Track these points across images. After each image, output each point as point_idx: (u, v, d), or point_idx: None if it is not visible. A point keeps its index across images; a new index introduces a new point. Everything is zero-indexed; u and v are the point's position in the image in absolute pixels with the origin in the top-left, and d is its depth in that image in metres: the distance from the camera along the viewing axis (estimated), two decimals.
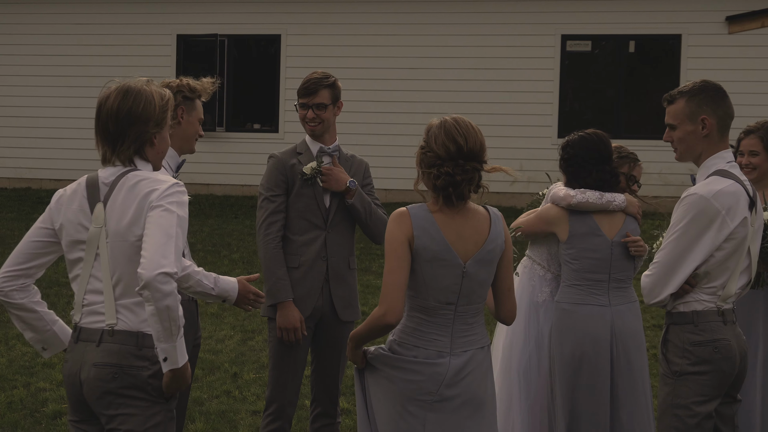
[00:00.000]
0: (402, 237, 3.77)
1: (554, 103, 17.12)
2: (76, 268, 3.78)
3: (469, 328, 3.90)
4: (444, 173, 3.80)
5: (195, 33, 18.10)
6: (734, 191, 4.22)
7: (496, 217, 3.97)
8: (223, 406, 7.06)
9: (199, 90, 4.89)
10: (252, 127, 18.22)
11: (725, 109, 4.33)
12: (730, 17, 16.48)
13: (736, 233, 4.21)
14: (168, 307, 3.47)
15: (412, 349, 3.86)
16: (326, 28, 17.63)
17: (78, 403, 3.77)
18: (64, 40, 18.41)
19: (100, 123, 3.77)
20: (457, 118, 3.91)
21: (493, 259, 3.89)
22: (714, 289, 4.28)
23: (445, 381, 3.84)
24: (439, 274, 3.81)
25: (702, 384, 4.23)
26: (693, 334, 4.27)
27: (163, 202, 3.61)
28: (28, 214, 15.72)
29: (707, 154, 4.34)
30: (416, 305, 3.86)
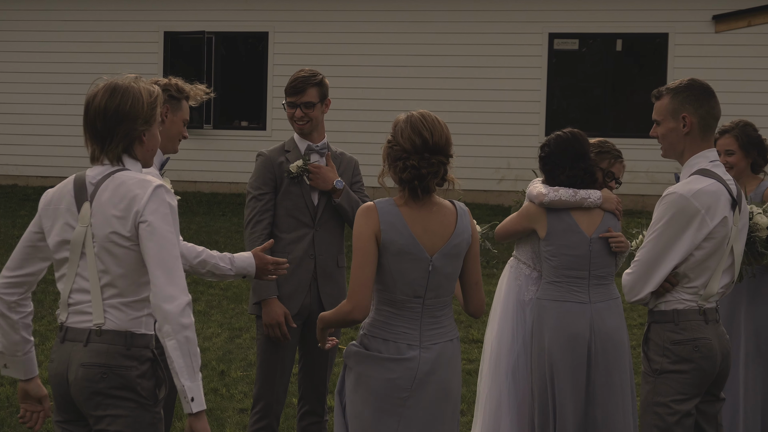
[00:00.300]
0: (368, 233, 3.83)
1: (542, 101, 17.14)
2: (62, 268, 3.75)
3: (437, 320, 3.96)
4: (410, 166, 3.86)
5: (182, 30, 18.07)
6: (714, 190, 4.23)
7: (463, 212, 4.03)
8: (210, 404, 7.05)
9: (187, 92, 4.86)
10: (239, 124, 18.20)
11: (708, 109, 4.33)
12: (716, 16, 16.54)
13: (715, 233, 4.22)
14: (188, 339, 3.49)
15: (383, 343, 3.91)
16: (314, 26, 17.62)
17: (65, 403, 3.73)
18: (50, 36, 18.36)
19: (88, 121, 3.73)
20: (423, 113, 3.97)
21: (459, 253, 3.95)
22: (695, 288, 4.29)
23: (418, 376, 3.89)
24: (406, 268, 3.86)
25: (682, 382, 4.25)
26: (673, 333, 4.28)
27: (153, 217, 3.57)
28: (14, 211, 15.68)
29: (690, 153, 4.35)
30: (385, 299, 3.91)
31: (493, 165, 17.09)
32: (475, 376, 7.81)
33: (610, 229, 5.23)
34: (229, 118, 18.33)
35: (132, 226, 3.59)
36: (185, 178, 17.10)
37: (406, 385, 3.88)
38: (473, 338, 8.93)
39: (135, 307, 3.66)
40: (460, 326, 9.37)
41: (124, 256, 3.61)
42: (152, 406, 3.68)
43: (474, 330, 9.19)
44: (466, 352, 8.51)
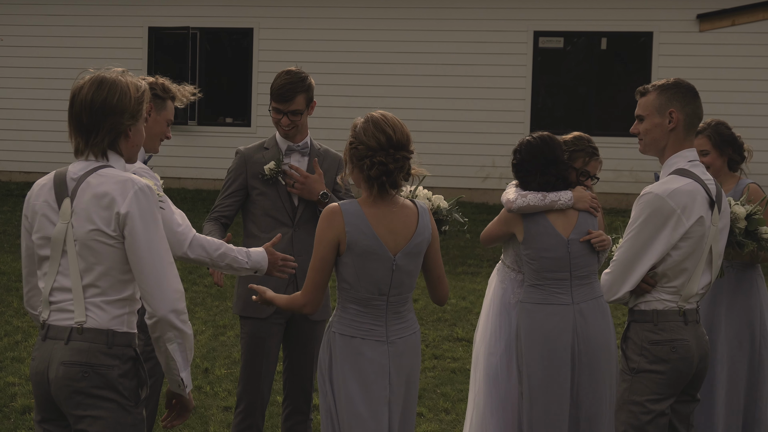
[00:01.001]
0: (330, 237, 3.98)
1: (526, 100, 17.16)
2: (44, 266, 3.71)
3: (401, 316, 4.13)
4: (378, 162, 3.96)
5: (166, 26, 18.00)
6: (691, 190, 4.24)
7: (423, 211, 4.15)
8: (195, 402, 7.03)
9: (173, 92, 4.84)
10: (224, 121, 18.15)
11: (694, 108, 4.37)
12: (701, 15, 16.58)
13: (692, 232, 4.24)
14: (186, 337, 3.65)
15: (351, 340, 4.06)
16: (299, 22, 17.59)
17: (45, 402, 3.69)
18: (33, 31, 18.26)
19: (73, 114, 3.68)
20: (382, 113, 4.09)
21: (420, 252, 4.11)
22: (675, 288, 4.31)
23: (391, 370, 4.07)
24: (370, 267, 4.00)
25: (657, 382, 4.27)
26: (652, 333, 4.31)
27: (136, 221, 3.56)
28: None
29: (671, 151, 4.38)
30: (351, 297, 4.07)
31: (477, 163, 17.10)
32: (460, 374, 7.84)
33: (590, 231, 5.23)
34: (214, 114, 18.28)
35: (115, 225, 3.57)
36: (169, 175, 17.04)
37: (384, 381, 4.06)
38: (458, 336, 8.94)
39: (117, 305, 3.64)
40: (444, 324, 9.38)
41: (107, 253, 3.59)
42: (134, 407, 3.66)
43: (458, 329, 9.20)
44: (450, 350, 8.52)
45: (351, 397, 4.04)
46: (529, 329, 5.17)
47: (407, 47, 17.30)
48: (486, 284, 10.66)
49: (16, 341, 8.44)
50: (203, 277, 10.94)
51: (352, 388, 4.05)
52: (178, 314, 3.63)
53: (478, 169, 17.10)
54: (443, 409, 7.05)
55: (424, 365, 8.05)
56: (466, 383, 7.55)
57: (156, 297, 3.58)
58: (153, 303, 3.58)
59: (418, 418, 6.84)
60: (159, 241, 3.61)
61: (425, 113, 17.20)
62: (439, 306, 4.44)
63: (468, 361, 8.13)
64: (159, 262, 3.60)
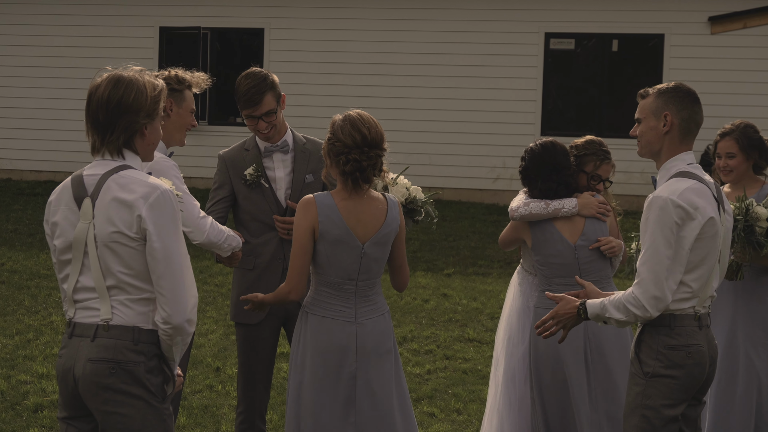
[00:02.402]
0: (306, 225, 4.31)
1: (537, 101, 17.14)
2: (66, 268, 3.74)
3: (369, 299, 4.46)
4: (352, 159, 4.29)
5: (177, 26, 18.03)
6: (699, 189, 4.20)
7: (393, 204, 4.47)
8: (206, 401, 7.05)
9: (188, 80, 4.85)
10: (234, 120, 18.16)
11: (690, 113, 4.30)
12: (712, 18, 16.55)
13: (705, 232, 4.19)
14: (189, 339, 3.75)
15: (323, 320, 4.39)
16: (310, 22, 17.60)
17: (71, 399, 3.72)
18: (45, 31, 18.30)
19: (90, 112, 3.70)
20: (359, 112, 4.39)
21: (388, 241, 4.43)
22: (690, 291, 4.24)
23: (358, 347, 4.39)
24: (340, 254, 4.34)
25: (672, 388, 4.23)
26: (668, 338, 4.24)
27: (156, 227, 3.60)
28: (8, 206, 15.64)
29: (667, 154, 4.32)
30: (323, 281, 4.40)
31: (488, 164, 17.09)
32: (471, 375, 7.83)
33: (599, 239, 5.21)
34: (224, 114, 18.29)
35: (137, 227, 3.60)
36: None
37: (351, 357, 4.39)
38: (469, 337, 8.93)
39: (141, 303, 3.68)
40: (455, 325, 9.37)
41: (129, 255, 3.62)
42: (160, 402, 3.69)
43: (470, 329, 9.19)
44: (461, 351, 8.52)
45: (318, 369, 4.37)
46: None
47: (418, 48, 17.30)
48: (497, 285, 10.69)
49: (28, 339, 8.46)
50: (214, 277, 10.95)
51: (321, 361, 4.37)
52: (191, 323, 3.70)
53: (489, 170, 17.09)
54: (455, 410, 7.05)
55: (435, 366, 8.05)
56: (477, 384, 7.55)
57: (172, 304, 3.63)
58: (169, 309, 3.63)
59: (429, 418, 6.84)
60: (177, 247, 3.65)
61: (436, 114, 17.20)
62: (398, 292, 4.68)
63: (479, 362, 8.13)
64: (178, 269, 3.64)
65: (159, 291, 3.63)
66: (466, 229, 14.67)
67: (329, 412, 4.37)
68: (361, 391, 4.40)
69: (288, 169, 5.27)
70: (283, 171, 5.28)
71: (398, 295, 10.34)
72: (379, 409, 4.43)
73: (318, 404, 4.37)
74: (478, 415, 6.84)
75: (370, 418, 4.42)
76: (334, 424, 4.37)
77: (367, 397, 4.41)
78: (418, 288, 10.86)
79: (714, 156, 5.69)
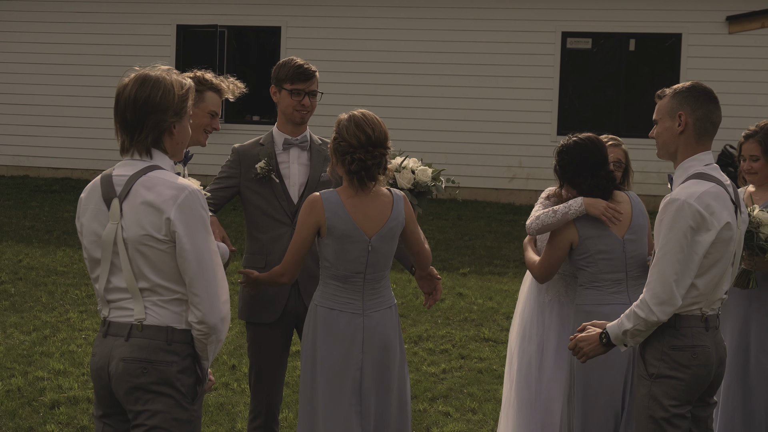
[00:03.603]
0: (311, 222, 4.46)
1: (554, 101, 17.12)
2: (97, 269, 3.76)
3: (377, 291, 4.59)
4: (357, 159, 4.42)
5: (195, 24, 18.07)
6: (717, 193, 4.16)
7: (398, 198, 4.59)
8: (222, 399, 7.07)
9: (212, 83, 4.84)
10: (251, 119, 18.20)
11: (706, 112, 4.26)
12: (730, 17, 16.50)
13: (720, 237, 4.16)
14: (223, 338, 3.77)
15: (331, 312, 4.53)
16: (327, 21, 17.61)
17: (106, 397, 3.76)
18: (63, 28, 18.38)
19: (118, 111, 3.71)
20: (363, 112, 4.49)
21: (394, 235, 4.56)
22: (698, 293, 4.21)
23: (365, 339, 4.52)
24: (348, 249, 4.46)
25: (676, 388, 4.20)
26: (673, 338, 4.22)
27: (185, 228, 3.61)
28: (25, 202, 15.71)
29: (683, 155, 4.29)
30: (331, 274, 4.54)
31: (504, 163, 17.07)
32: (486, 374, 7.83)
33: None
34: (241, 112, 18.32)
35: (166, 230, 3.61)
36: (196, 172, 17.07)
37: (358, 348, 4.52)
38: (484, 337, 8.92)
39: (174, 304, 3.70)
40: (471, 325, 9.37)
41: (159, 257, 3.64)
42: (190, 403, 3.71)
43: (485, 329, 9.19)
44: (477, 350, 8.51)
45: (327, 359, 4.51)
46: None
47: (434, 47, 17.30)
48: (513, 284, 10.67)
49: (45, 336, 8.50)
50: (230, 275, 10.97)
51: (329, 352, 4.51)
52: (225, 322, 3.71)
53: (505, 170, 17.07)
54: (470, 409, 7.05)
55: (450, 365, 8.05)
56: (492, 383, 7.55)
57: (206, 304, 3.65)
58: (204, 309, 3.65)
59: (444, 418, 6.85)
60: (208, 247, 3.67)
61: (452, 113, 17.19)
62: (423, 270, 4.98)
63: (494, 362, 8.12)
64: (209, 268, 3.66)
65: (192, 291, 3.65)
66: (482, 228, 14.66)
67: (338, 400, 4.51)
68: (367, 380, 4.54)
69: (304, 166, 5.26)
70: (298, 167, 5.26)
71: (414, 294, 10.34)
72: (382, 399, 4.59)
73: (327, 393, 4.52)
74: (493, 415, 6.84)
75: (374, 407, 4.56)
76: (341, 412, 4.50)
77: (372, 386, 4.55)
78: None
79: (738, 158, 5.64)
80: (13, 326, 8.75)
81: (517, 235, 13.88)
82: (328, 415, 4.51)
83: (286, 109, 5.24)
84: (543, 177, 16.38)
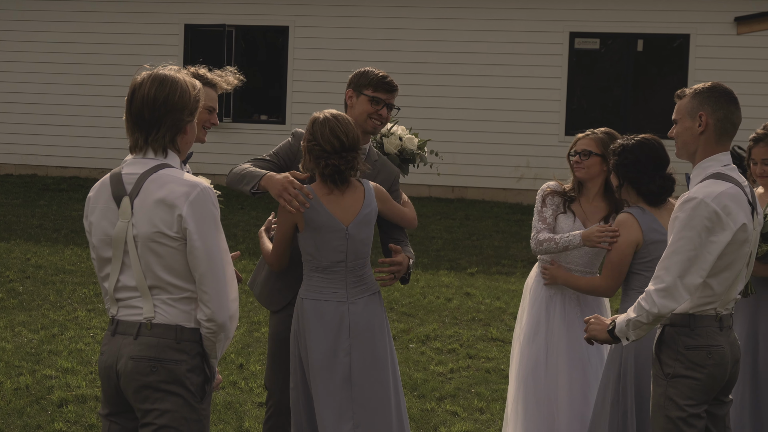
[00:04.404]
0: (288, 219, 4.65)
1: (562, 101, 17.11)
2: (106, 267, 3.76)
3: (360, 279, 4.75)
4: (331, 164, 4.60)
5: (202, 23, 18.09)
6: (734, 194, 4.15)
7: (369, 188, 4.79)
8: (229, 397, 7.07)
9: (208, 78, 4.82)
10: (259, 118, 18.22)
11: (726, 113, 4.25)
12: (738, 18, 16.47)
13: (736, 237, 4.15)
14: (231, 336, 3.79)
15: (317, 303, 4.67)
16: (335, 20, 17.62)
17: (113, 396, 3.76)
18: (71, 27, 18.41)
19: (133, 110, 3.71)
20: (336, 116, 4.66)
21: (370, 221, 4.75)
22: (712, 293, 4.22)
23: (351, 325, 4.67)
24: (327, 239, 4.64)
25: (692, 388, 4.21)
26: (688, 338, 4.23)
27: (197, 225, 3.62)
28: (33, 201, 15.74)
29: (702, 155, 4.28)
30: (314, 266, 4.70)
31: (512, 163, 17.07)
32: (494, 374, 7.83)
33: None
34: (249, 111, 18.35)
35: (177, 227, 3.62)
36: (204, 171, 17.09)
37: (345, 335, 4.67)
38: (492, 336, 8.92)
39: (184, 302, 3.71)
40: (478, 324, 9.37)
41: (170, 254, 3.64)
42: (199, 402, 3.71)
43: (493, 329, 9.19)
44: (484, 350, 8.51)
45: (317, 348, 4.65)
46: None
47: (442, 47, 17.29)
48: (521, 285, 10.66)
49: (53, 334, 8.51)
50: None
51: (318, 341, 4.65)
52: (233, 320, 3.72)
53: (513, 170, 17.07)
54: (478, 409, 7.04)
55: (458, 365, 8.05)
56: (500, 383, 7.55)
57: (215, 302, 3.66)
58: (213, 307, 3.66)
59: (452, 417, 6.85)
60: (218, 244, 3.68)
61: (460, 113, 17.19)
62: (410, 228, 5.10)
63: (502, 361, 8.12)
64: (219, 266, 3.67)
65: (201, 289, 3.65)
66: (489, 228, 14.66)
67: (329, 388, 4.64)
68: (356, 365, 4.67)
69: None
70: None
71: (421, 294, 10.34)
72: (373, 383, 4.68)
73: (319, 381, 4.64)
74: (500, 414, 6.83)
75: (365, 391, 4.66)
76: (333, 398, 4.63)
77: (362, 371, 4.68)
78: (442, 287, 10.86)
79: (748, 161, 5.62)
80: (22, 324, 8.76)
81: (524, 235, 13.88)
82: (320, 404, 4.62)
83: (360, 115, 5.09)
84: (551, 177, 16.34)
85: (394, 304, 9.97)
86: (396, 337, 8.81)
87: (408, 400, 7.14)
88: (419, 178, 16.85)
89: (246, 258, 11.89)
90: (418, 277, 11.26)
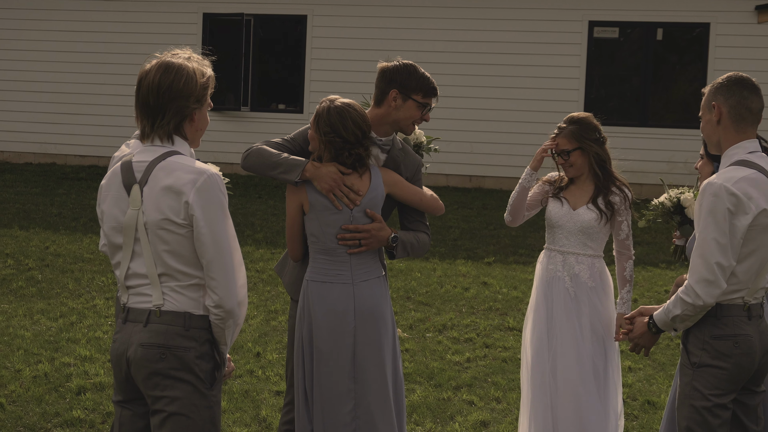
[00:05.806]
0: (295, 203, 4.70)
1: (580, 90, 17.05)
2: (117, 255, 3.79)
3: (365, 262, 4.75)
4: (355, 154, 4.62)
5: (221, 12, 18.11)
6: (755, 179, 4.14)
7: (376, 172, 4.77)
8: (246, 386, 7.09)
9: None
10: (277, 107, 18.22)
11: (739, 99, 4.24)
12: (759, 6, 16.36)
13: (758, 222, 4.14)
14: (241, 322, 3.80)
15: (322, 285, 4.70)
16: (353, 9, 17.60)
17: (124, 383, 3.79)
18: (89, 16, 18.45)
19: (140, 97, 3.74)
20: (351, 105, 4.64)
21: (376, 205, 4.73)
22: (741, 282, 4.21)
23: (357, 307, 4.69)
24: (331, 220, 4.65)
25: (719, 377, 4.20)
26: (714, 327, 4.23)
27: (204, 211, 3.63)
28: (52, 190, 15.80)
29: (726, 144, 4.29)
30: (319, 248, 4.72)
31: (530, 153, 16.92)
32: (511, 363, 7.82)
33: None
34: (267, 100, 18.36)
35: (185, 214, 3.63)
36: (222, 160, 17.16)
37: (350, 316, 4.68)
38: (509, 326, 8.92)
39: (192, 289, 3.72)
40: (495, 314, 9.36)
41: (178, 241, 3.65)
42: (209, 389, 3.73)
43: (510, 318, 9.18)
44: (501, 339, 8.51)
45: (322, 329, 4.66)
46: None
47: (460, 36, 17.26)
48: None
49: (72, 322, 8.55)
50: (255, 263, 11.00)
51: (324, 322, 4.66)
52: (242, 306, 3.74)
53: (531, 159, 16.99)
54: (494, 398, 7.04)
55: (474, 354, 8.05)
56: (517, 372, 7.54)
57: (223, 288, 3.67)
58: (221, 293, 3.67)
59: (468, 406, 6.85)
60: (225, 231, 3.69)
61: (479, 102, 17.15)
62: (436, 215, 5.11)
63: (519, 351, 8.11)
64: (227, 253, 3.68)
65: (209, 275, 3.67)
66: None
67: (331, 367, 4.67)
68: (360, 347, 4.69)
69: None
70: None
71: (438, 283, 10.33)
72: (376, 365, 4.72)
73: (321, 361, 4.68)
74: (517, 404, 6.83)
75: (367, 372, 4.70)
76: (335, 378, 4.67)
77: (366, 353, 4.70)
78: (459, 276, 10.85)
79: None
80: (40, 312, 8.81)
81: (542, 224, 13.82)
82: (322, 385, 4.67)
83: (405, 120, 4.93)
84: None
85: (411, 293, 9.98)
86: (413, 326, 8.82)
87: (424, 389, 7.14)
88: (437, 167, 16.85)
89: (263, 247, 11.91)
90: (435, 266, 11.26)
